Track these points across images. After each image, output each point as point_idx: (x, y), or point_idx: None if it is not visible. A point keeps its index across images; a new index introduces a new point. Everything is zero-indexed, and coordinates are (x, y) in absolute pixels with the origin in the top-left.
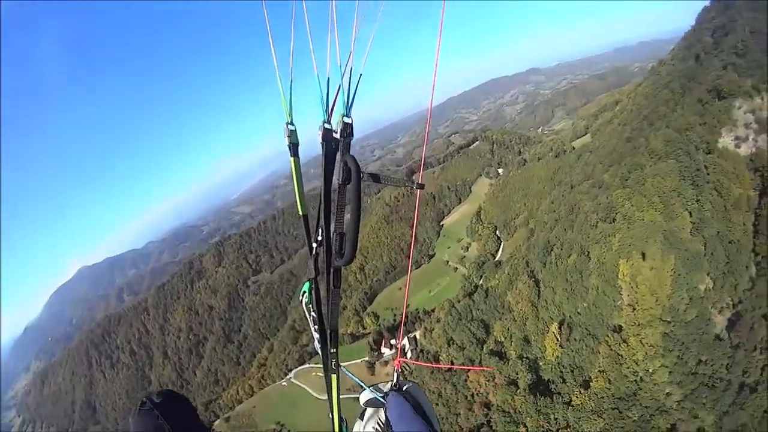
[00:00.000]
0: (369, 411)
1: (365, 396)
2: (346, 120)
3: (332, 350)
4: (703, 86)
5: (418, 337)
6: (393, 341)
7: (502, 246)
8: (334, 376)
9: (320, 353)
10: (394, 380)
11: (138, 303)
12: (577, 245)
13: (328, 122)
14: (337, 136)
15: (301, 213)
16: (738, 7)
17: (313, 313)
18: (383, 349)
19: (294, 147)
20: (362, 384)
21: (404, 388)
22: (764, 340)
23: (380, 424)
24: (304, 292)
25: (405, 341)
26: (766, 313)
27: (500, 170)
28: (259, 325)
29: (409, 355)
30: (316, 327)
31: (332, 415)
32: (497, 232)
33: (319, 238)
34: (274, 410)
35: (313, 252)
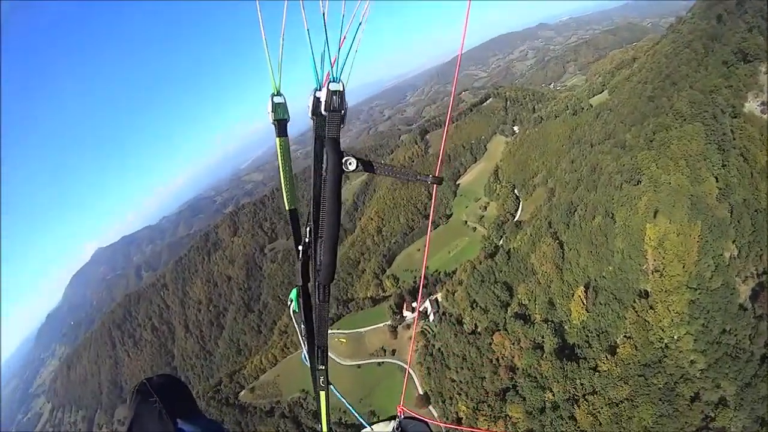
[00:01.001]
0: None
1: None
2: (334, 87)
3: (321, 367)
4: (728, 48)
5: (439, 299)
6: (414, 304)
7: (521, 205)
8: (323, 393)
9: (309, 370)
10: (395, 425)
11: (156, 279)
12: (601, 207)
13: (321, 89)
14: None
15: (287, 207)
16: None
17: (302, 324)
18: (405, 313)
19: (281, 125)
20: (350, 407)
21: (408, 429)
22: None
23: None
24: (292, 300)
25: (426, 303)
26: None
27: (515, 128)
28: (278, 293)
29: (431, 318)
30: (305, 337)
31: (322, 429)
32: (515, 191)
33: (307, 239)
34: (298, 378)
35: (300, 256)
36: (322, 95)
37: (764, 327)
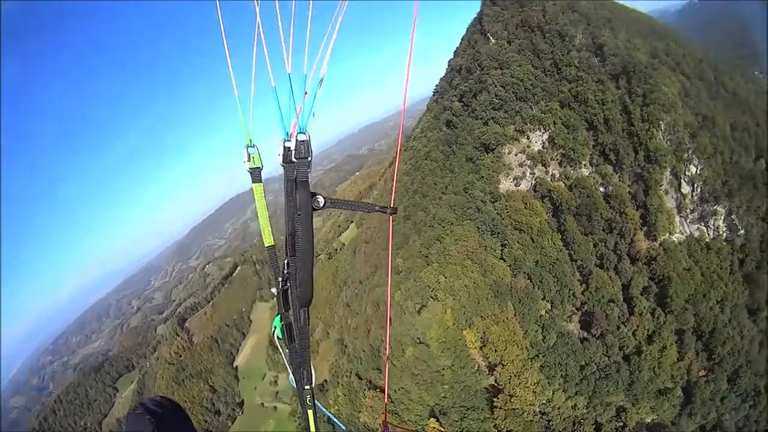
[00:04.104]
0: None
1: None
2: (300, 137)
3: (307, 387)
4: (468, 146)
5: None
6: None
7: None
8: (310, 411)
9: (296, 390)
10: None
11: None
12: (406, 337)
13: (289, 139)
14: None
15: (266, 243)
16: (486, 67)
17: (286, 349)
18: None
19: (256, 172)
20: (336, 421)
21: None
22: (622, 316)
23: None
24: (275, 327)
25: None
26: (610, 299)
27: (273, 290)
28: None
29: None
30: (290, 360)
31: None
32: None
33: (285, 271)
34: None
35: (280, 287)
36: (291, 145)
37: (611, 338)
